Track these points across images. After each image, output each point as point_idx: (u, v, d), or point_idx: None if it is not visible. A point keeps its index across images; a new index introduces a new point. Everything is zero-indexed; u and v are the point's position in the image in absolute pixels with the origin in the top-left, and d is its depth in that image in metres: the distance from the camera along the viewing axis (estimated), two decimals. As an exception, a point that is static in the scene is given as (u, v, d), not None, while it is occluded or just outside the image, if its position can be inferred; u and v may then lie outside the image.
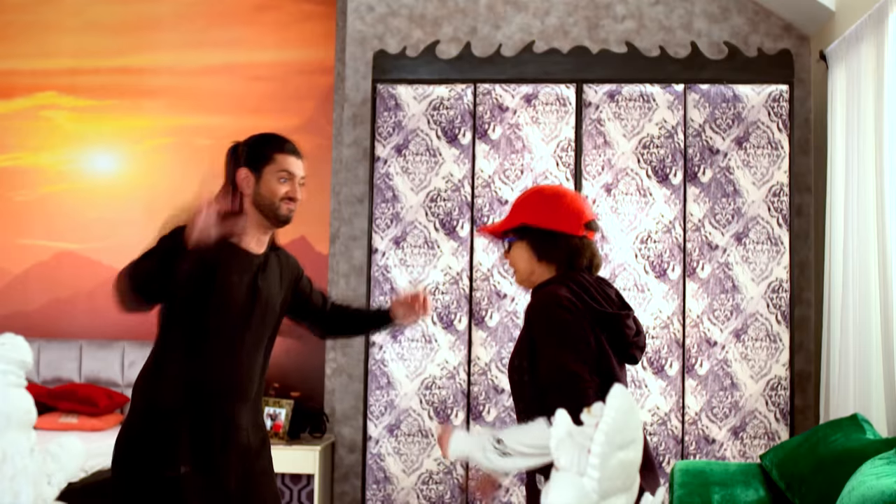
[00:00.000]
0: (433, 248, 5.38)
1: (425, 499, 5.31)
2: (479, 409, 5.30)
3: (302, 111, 6.18)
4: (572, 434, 1.91)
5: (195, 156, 6.20)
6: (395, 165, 5.43)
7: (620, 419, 1.90)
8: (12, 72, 6.41)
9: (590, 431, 1.90)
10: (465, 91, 5.44)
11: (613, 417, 1.89)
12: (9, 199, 6.39)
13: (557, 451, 1.89)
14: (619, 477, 1.90)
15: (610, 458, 1.87)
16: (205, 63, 6.27)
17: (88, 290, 6.17)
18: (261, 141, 3.34)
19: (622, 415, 1.92)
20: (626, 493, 1.94)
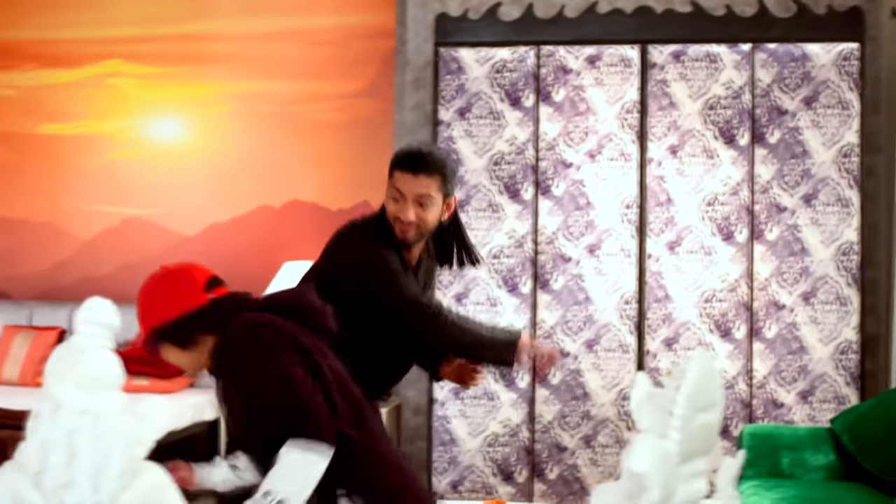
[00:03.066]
0: (497, 212, 5.37)
1: (491, 461, 5.34)
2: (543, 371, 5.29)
3: (363, 75, 6.18)
4: (653, 396, 1.90)
5: (258, 121, 6.24)
6: (459, 129, 5.41)
7: (702, 381, 1.89)
8: (77, 40, 6.48)
9: (671, 394, 1.89)
10: (527, 53, 5.39)
11: (695, 379, 1.88)
12: (76, 167, 6.48)
13: (638, 413, 1.88)
14: (700, 440, 1.89)
15: (691, 420, 1.85)
16: (266, 28, 6.28)
17: (156, 255, 6.24)
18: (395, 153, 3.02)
19: (703, 377, 1.91)
20: (706, 456, 1.93)
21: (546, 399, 5.30)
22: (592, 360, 5.25)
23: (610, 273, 5.27)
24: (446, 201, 2.92)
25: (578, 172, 5.31)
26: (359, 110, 6.17)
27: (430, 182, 2.86)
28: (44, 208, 6.53)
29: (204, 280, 2.68)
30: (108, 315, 1.54)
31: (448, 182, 2.91)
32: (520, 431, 5.32)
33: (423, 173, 2.85)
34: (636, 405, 1.85)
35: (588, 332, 5.27)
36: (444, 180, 2.88)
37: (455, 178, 2.95)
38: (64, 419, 1.46)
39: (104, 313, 1.54)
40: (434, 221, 2.92)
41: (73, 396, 1.48)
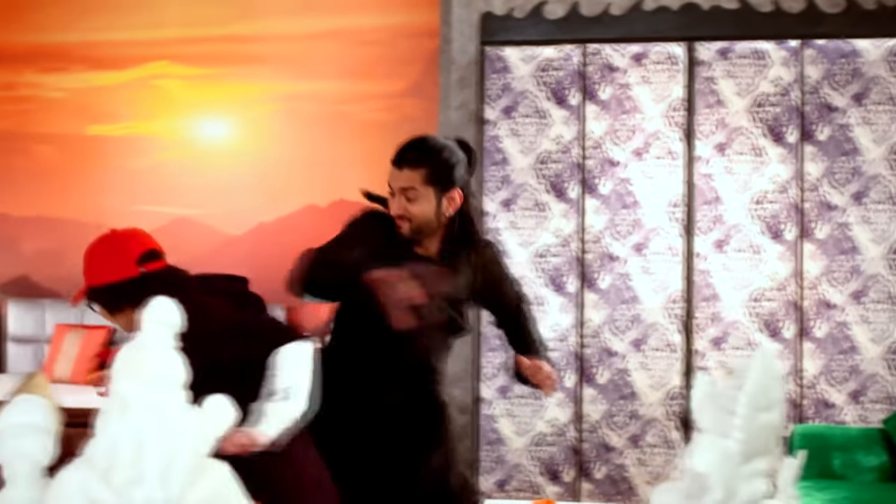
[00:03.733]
0: (543, 211, 5.36)
1: (537, 460, 5.32)
2: (591, 370, 5.28)
3: (408, 75, 6.20)
4: (714, 396, 1.89)
5: (304, 121, 6.27)
6: (504, 128, 5.41)
7: (764, 380, 1.87)
8: (125, 42, 6.55)
9: (732, 393, 1.87)
10: (573, 51, 5.37)
11: (757, 378, 1.86)
12: (124, 167, 6.55)
13: (699, 413, 1.86)
14: (762, 439, 1.87)
15: (754, 420, 1.84)
16: (312, 29, 6.31)
17: (204, 254, 6.28)
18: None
19: (765, 376, 1.89)
20: (768, 455, 1.91)
21: (593, 398, 5.28)
22: (640, 359, 5.22)
23: (657, 272, 5.24)
24: (446, 194, 2.81)
25: (625, 171, 5.29)
26: (404, 110, 6.19)
27: (413, 175, 2.80)
28: (92, 209, 6.60)
29: (139, 252, 2.70)
30: (172, 314, 1.55)
31: (438, 174, 2.80)
32: (567, 431, 5.30)
33: (407, 166, 2.82)
34: (697, 405, 1.84)
35: (635, 332, 5.24)
36: (429, 172, 2.80)
37: (452, 169, 2.81)
38: (132, 417, 1.48)
39: (169, 313, 1.55)
40: (424, 214, 2.81)
41: (140, 394, 1.49)
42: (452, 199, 2.81)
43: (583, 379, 5.29)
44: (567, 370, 5.29)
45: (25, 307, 6.58)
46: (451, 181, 2.80)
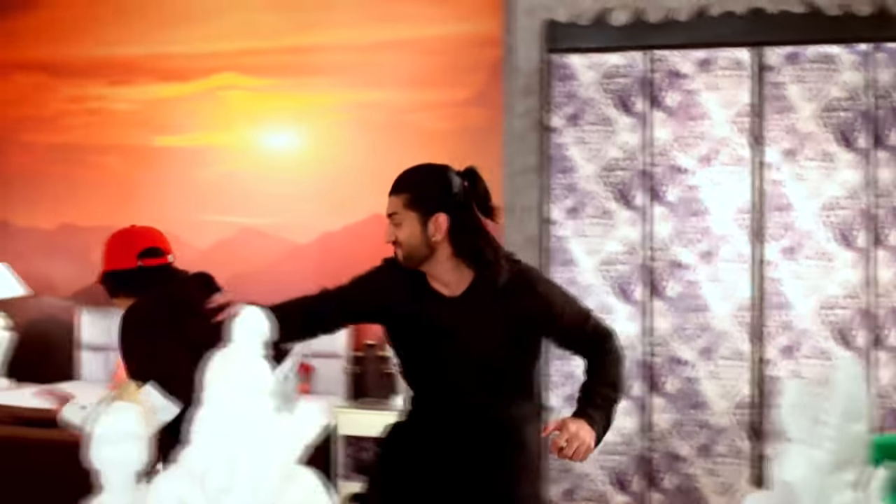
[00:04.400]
0: (610, 219, 5.33)
1: (605, 469, 5.29)
2: (659, 380, 5.23)
3: (472, 83, 6.20)
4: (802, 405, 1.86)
5: (369, 130, 6.31)
6: (570, 135, 5.39)
7: (852, 389, 1.84)
8: (191, 55, 6.64)
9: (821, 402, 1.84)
10: (638, 58, 5.34)
11: (846, 388, 1.83)
12: (191, 178, 6.64)
13: (787, 422, 1.84)
14: (852, 449, 1.84)
15: (845, 429, 1.81)
16: (376, 39, 6.35)
17: (270, 263, 6.36)
18: None
19: (853, 385, 1.86)
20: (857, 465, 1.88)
21: (662, 407, 5.23)
22: (709, 368, 5.17)
23: (726, 280, 5.18)
24: (430, 218, 2.82)
25: (692, 178, 5.24)
26: (468, 118, 6.20)
27: (396, 200, 2.86)
28: (159, 219, 6.63)
29: (141, 247, 3.18)
30: (261, 323, 1.57)
31: (418, 198, 2.84)
32: (635, 440, 5.26)
33: (393, 193, 2.89)
34: (786, 414, 1.81)
35: (704, 340, 5.18)
36: (410, 196, 2.84)
37: (434, 193, 2.83)
38: (224, 424, 1.49)
39: (258, 321, 1.57)
40: (409, 239, 2.85)
41: (232, 402, 1.50)
42: (438, 223, 2.81)
43: (651, 388, 5.24)
44: (636, 379, 5.25)
45: (97, 316, 6.69)
46: (433, 205, 2.82)
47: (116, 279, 3.18)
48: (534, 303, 2.87)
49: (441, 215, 2.81)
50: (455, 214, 2.82)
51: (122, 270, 3.17)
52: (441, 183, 2.85)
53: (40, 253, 6.96)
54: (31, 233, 7.00)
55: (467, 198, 2.85)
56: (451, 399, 2.96)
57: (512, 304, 2.85)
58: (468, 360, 2.88)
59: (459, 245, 2.83)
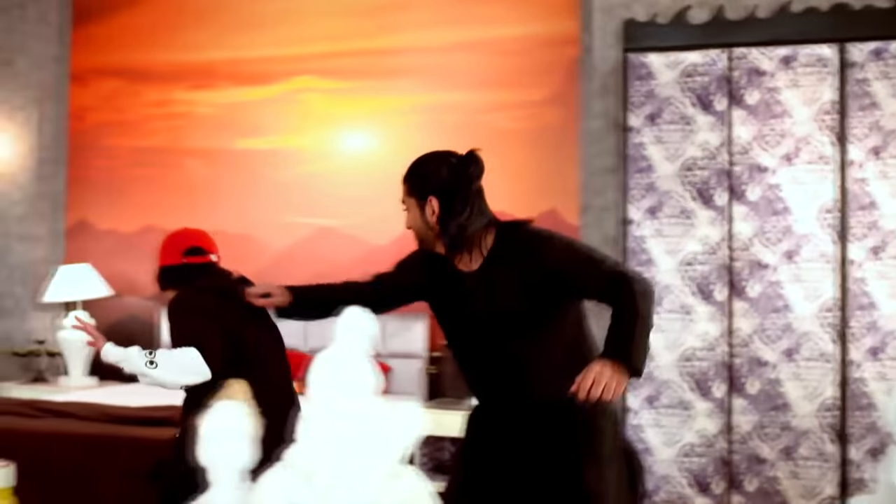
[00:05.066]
0: (690, 218, 5.28)
1: (686, 471, 5.24)
2: (740, 381, 5.17)
3: (548, 84, 6.19)
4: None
5: (445, 131, 6.33)
6: (649, 135, 5.35)
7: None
8: (270, 59, 6.74)
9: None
10: (718, 56, 5.28)
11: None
12: (271, 179, 6.73)
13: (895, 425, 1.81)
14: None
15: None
16: (453, 40, 6.38)
17: (348, 264, 6.40)
18: None
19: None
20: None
21: (743, 409, 5.17)
22: (792, 369, 5.09)
23: (809, 280, 5.10)
24: (424, 203, 3.00)
25: (774, 177, 5.17)
26: (544, 118, 6.19)
27: (403, 189, 3.09)
28: (240, 220, 6.80)
29: (186, 246, 3.50)
30: (366, 324, 1.59)
31: (414, 185, 3.05)
32: (716, 442, 5.21)
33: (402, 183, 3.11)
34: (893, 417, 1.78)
35: (787, 341, 5.11)
36: (409, 185, 3.06)
37: (425, 179, 3.03)
38: (330, 423, 1.51)
39: (363, 322, 1.59)
40: (414, 224, 3.07)
41: (337, 402, 1.52)
42: (431, 206, 2.98)
43: (732, 389, 5.19)
44: (716, 380, 5.20)
45: (177, 316, 6.80)
46: (426, 190, 3.00)
47: (165, 274, 3.53)
48: (537, 264, 2.91)
49: (433, 199, 2.98)
50: (444, 198, 2.97)
51: (170, 266, 3.52)
52: (431, 169, 3.03)
53: (122, 254, 7.11)
54: (114, 234, 7.15)
55: (459, 181, 2.99)
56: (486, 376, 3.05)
57: (518, 270, 2.93)
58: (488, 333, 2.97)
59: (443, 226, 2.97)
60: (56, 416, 4.96)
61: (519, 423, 2.99)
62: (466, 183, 3.00)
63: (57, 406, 5.12)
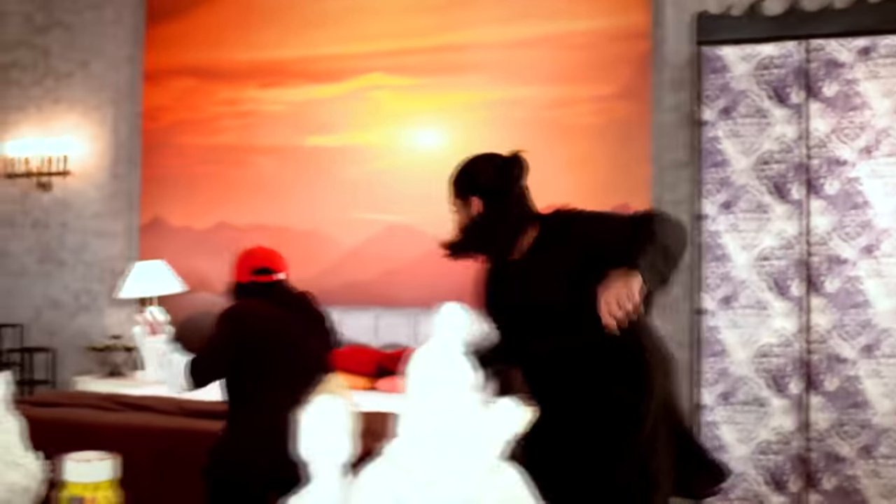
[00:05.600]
0: (765, 213, 5.20)
1: (762, 469, 5.18)
2: (818, 378, 5.09)
3: (618, 78, 6.14)
4: None
5: (514, 127, 6.32)
6: (723, 129, 5.28)
7: None
8: (340, 56, 6.77)
9: None
10: (794, 48, 5.20)
11: None
12: (343, 176, 6.77)
13: None
14: None
15: None
16: (521, 36, 6.36)
17: (417, 259, 6.44)
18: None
19: None
20: None
21: (821, 406, 5.09)
22: (872, 366, 5.00)
23: (889, 275, 5.01)
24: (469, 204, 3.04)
25: (853, 170, 5.08)
26: (614, 112, 6.14)
27: (450, 193, 3.09)
28: (309, 217, 6.85)
29: (256, 265, 3.68)
30: (463, 320, 1.59)
31: (458, 187, 3.08)
32: (793, 439, 5.13)
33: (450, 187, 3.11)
34: None
35: (866, 337, 5.02)
36: (455, 188, 3.08)
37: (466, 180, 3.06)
38: (430, 419, 1.52)
39: (459, 319, 1.59)
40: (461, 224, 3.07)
41: (436, 398, 1.53)
42: (474, 207, 3.02)
43: (809, 386, 5.11)
44: (793, 377, 5.12)
45: (249, 312, 6.87)
46: (468, 191, 3.04)
47: (236, 290, 3.73)
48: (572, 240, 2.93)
49: (474, 199, 3.01)
50: (487, 198, 3.00)
51: (239, 283, 3.73)
52: (475, 170, 3.07)
53: (195, 251, 7.20)
54: (187, 231, 7.24)
55: (502, 182, 3.02)
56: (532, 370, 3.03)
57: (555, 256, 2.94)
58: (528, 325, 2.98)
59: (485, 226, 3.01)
60: (135, 409, 5.03)
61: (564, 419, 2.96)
62: (509, 184, 3.03)
63: (135, 400, 5.19)
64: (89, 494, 1.62)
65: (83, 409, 4.93)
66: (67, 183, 7.42)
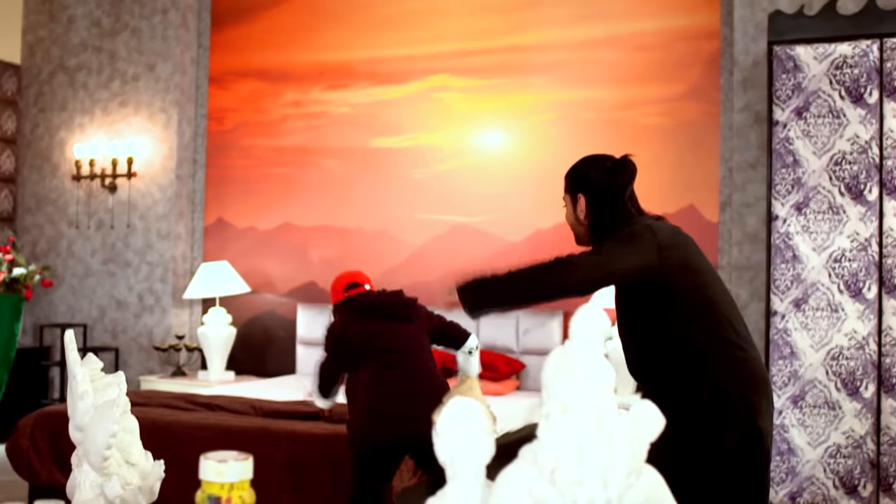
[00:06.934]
0: (838, 214, 5.16)
1: (832, 472, 5.13)
2: (891, 381, 5.04)
3: (687, 78, 6.12)
4: None
5: (580, 129, 6.31)
6: (796, 129, 5.25)
7: None
8: (406, 57, 6.81)
9: None
10: (870, 47, 5.15)
11: None
12: (408, 177, 6.80)
13: None
14: None
15: None
16: (589, 36, 6.35)
17: (482, 260, 6.44)
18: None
19: None
20: None
21: (894, 410, 5.04)
22: (949, 369, 4.95)
23: (966, 277, 4.95)
24: (577, 199, 3.21)
25: (929, 171, 5.03)
26: (683, 113, 6.12)
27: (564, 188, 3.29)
28: (375, 218, 6.89)
29: (346, 283, 4.30)
30: (600, 321, 1.60)
31: (569, 184, 3.26)
32: (864, 443, 5.09)
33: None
34: None
35: (942, 340, 4.97)
36: (566, 184, 3.27)
37: (576, 178, 3.23)
38: (572, 420, 1.53)
39: (597, 320, 1.60)
40: (569, 220, 3.29)
41: (577, 399, 1.54)
42: (580, 203, 3.20)
43: (882, 389, 5.06)
44: (864, 380, 5.08)
45: (313, 312, 6.93)
46: (576, 188, 3.22)
47: (335, 306, 4.30)
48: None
49: (581, 196, 3.19)
50: (592, 196, 3.18)
51: (337, 301, 4.30)
52: (584, 169, 3.23)
53: (260, 251, 7.27)
54: (251, 232, 7.31)
55: (608, 183, 3.18)
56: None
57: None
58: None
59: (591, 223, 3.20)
60: (208, 409, 5.09)
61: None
62: (614, 185, 3.17)
63: (207, 399, 5.25)
64: (226, 494, 1.65)
65: (158, 408, 4.99)
66: (133, 184, 7.52)
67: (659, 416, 1.56)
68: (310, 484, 4.31)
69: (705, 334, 3.03)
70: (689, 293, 3.03)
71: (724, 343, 3.02)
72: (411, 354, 4.11)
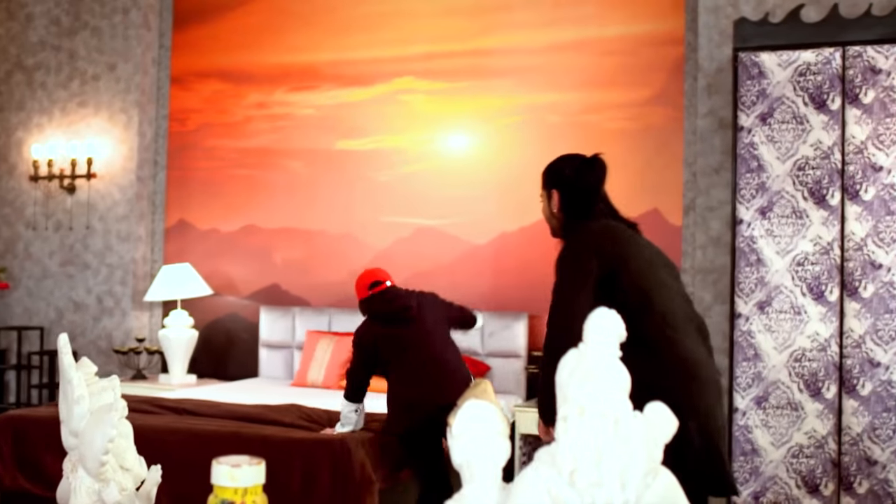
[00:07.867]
0: (801, 218, 5.25)
1: (795, 472, 5.22)
2: (852, 382, 5.14)
3: (652, 83, 6.19)
4: None
5: (546, 132, 6.35)
6: (760, 135, 5.33)
7: None
8: (372, 60, 6.80)
9: None
10: (832, 55, 5.25)
11: None
12: (373, 180, 6.79)
13: None
14: None
15: None
16: (554, 41, 6.39)
17: (447, 263, 6.47)
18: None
19: None
20: None
21: (855, 410, 5.13)
22: (909, 370, 5.05)
23: (926, 280, 5.06)
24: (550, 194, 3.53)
25: (889, 176, 5.13)
26: (648, 118, 6.18)
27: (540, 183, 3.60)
28: (341, 220, 6.87)
29: (369, 281, 4.68)
30: (614, 324, 1.62)
31: (545, 180, 3.57)
32: (826, 443, 5.18)
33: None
34: None
35: (902, 342, 5.07)
36: (543, 179, 3.59)
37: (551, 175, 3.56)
38: (589, 422, 1.55)
39: (611, 322, 1.62)
40: (544, 212, 3.59)
41: (594, 401, 1.56)
42: (553, 198, 3.51)
43: (843, 390, 5.15)
44: (826, 381, 5.17)
45: (276, 315, 6.90)
46: (550, 184, 3.53)
47: (361, 303, 4.69)
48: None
49: (555, 192, 3.50)
50: (565, 192, 3.47)
51: (362, 299, 4.68)
52: (558, 166, 3.53)
53: (222, 254, 7.22)
54: (214, 234, 7.26)
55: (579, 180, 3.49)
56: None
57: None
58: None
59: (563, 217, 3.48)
60: (176, 412, 5.04)
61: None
62: (585, 181, 3.47)
63: (173, 403, 5.21)
64: (239, 499, 1.65)
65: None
66: (92, 185, 7.43)
67: (672, 418, 1.59)
68: (282, 488, 4.29)
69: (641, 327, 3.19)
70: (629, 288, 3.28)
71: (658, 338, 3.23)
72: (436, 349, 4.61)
